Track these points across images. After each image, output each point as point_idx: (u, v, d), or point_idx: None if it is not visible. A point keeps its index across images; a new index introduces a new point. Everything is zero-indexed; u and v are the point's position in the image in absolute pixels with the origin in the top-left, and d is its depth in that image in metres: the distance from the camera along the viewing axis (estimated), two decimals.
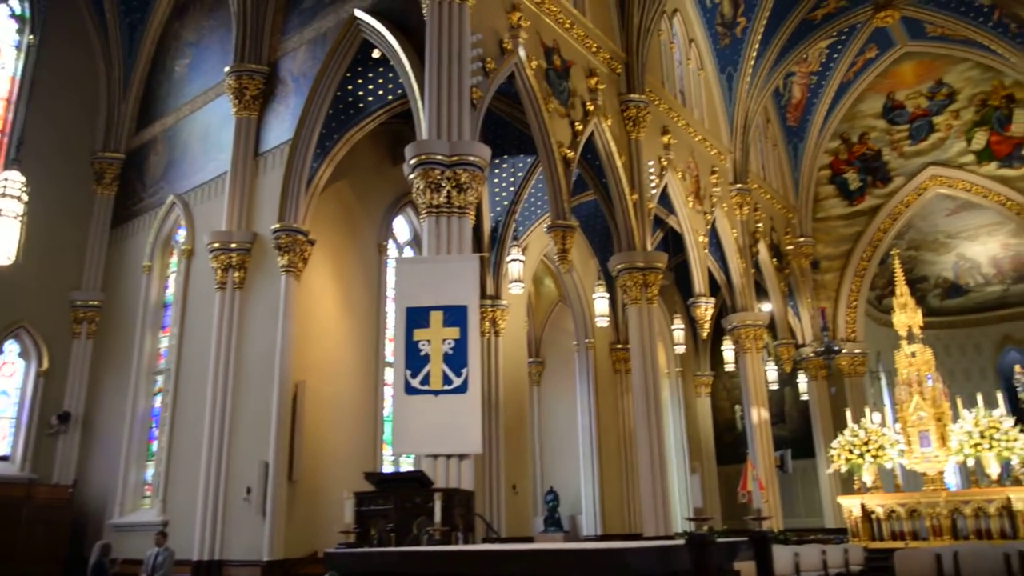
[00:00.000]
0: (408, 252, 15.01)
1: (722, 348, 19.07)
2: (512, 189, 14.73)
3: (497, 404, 13.64)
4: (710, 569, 3.88)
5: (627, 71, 14.51)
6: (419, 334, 8.84)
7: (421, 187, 9.38)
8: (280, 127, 12.75)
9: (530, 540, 14.62)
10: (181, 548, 11.16)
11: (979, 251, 22.97)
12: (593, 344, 18.13)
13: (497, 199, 14.85)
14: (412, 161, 9.43)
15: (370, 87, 12.27)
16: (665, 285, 18.14)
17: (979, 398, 14.57)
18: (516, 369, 15.83)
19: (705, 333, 16.64)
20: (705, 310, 15.49)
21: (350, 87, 12.19)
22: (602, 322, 16.07)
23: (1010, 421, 13.89)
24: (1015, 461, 14.00)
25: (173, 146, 15.20)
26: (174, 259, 14.69)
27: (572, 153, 12.42)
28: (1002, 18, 18.55)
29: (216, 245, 12.42)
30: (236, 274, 12.32)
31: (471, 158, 9.48)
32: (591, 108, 13.16)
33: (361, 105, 12.37)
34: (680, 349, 18.70)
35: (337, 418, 12.37)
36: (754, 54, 18.10)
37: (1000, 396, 15.29)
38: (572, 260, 12.98)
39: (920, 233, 22.94)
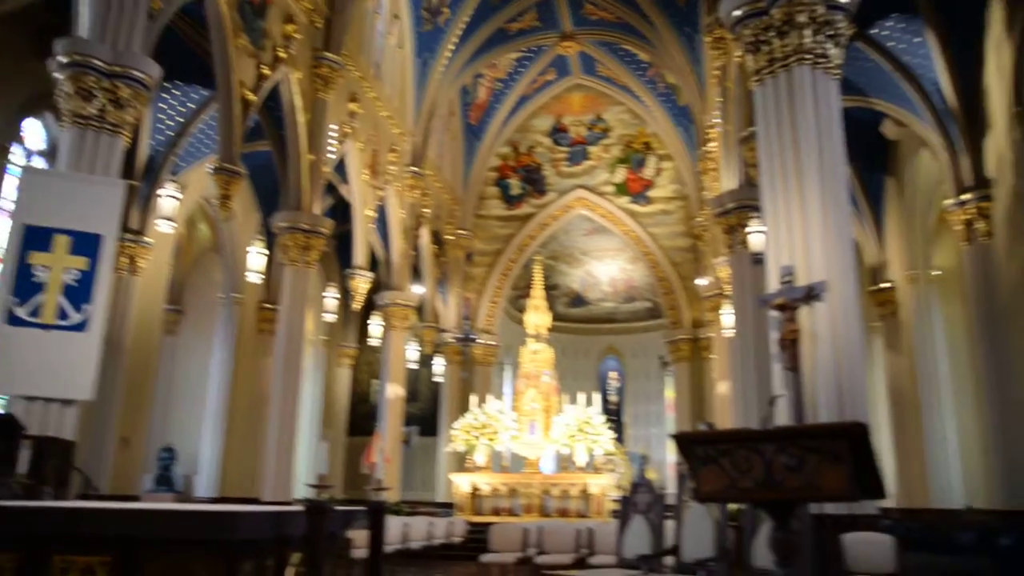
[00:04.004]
0: (39, 163, 12.94)
1: (370, 323, 19.44)
2: (180, 120, 13.45)
3: (121, 349, 12.36)
4: (323, 535, 3.94)
5: (327, 28, 14.11)
6: (36, 258, 7.66)
7: (69, 92, 8.14)
8: None
9: (136, 499, 13.50)
10: None
11: (603, 270, 26.40)
12: (241, 300, 17.29)
13: (160, 126, 13.45)
14: (63, 59, 8.15)
15: None
16: (326, 252, 17.98)
17: (581, 397, 16.75)
18: (150, 314, 14.49)
19: (357, 305, 16.83)
20: (360, 283, 15.68)
21: None
22: (254, 278, 15.40)
23: (601, 418, 16.20)
24: (598, 452, 16.39)
25: None
26: None
27: (254, 96, 11.74)
28: (654, 76, 21.55)
29: None
30: None
31: (137, 73, 8.48)
32: (283, 55, 12.56)
33: None
34: (330, 318, 18.69)
35: None
36: (451, 47, 18.77)
37: (597, 397, 17.76)
38: (234, 208, 12.26)
39: (561, 246, 25.67)
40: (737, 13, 7.62)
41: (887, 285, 15.38)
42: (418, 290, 19.66)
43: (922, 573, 10.23)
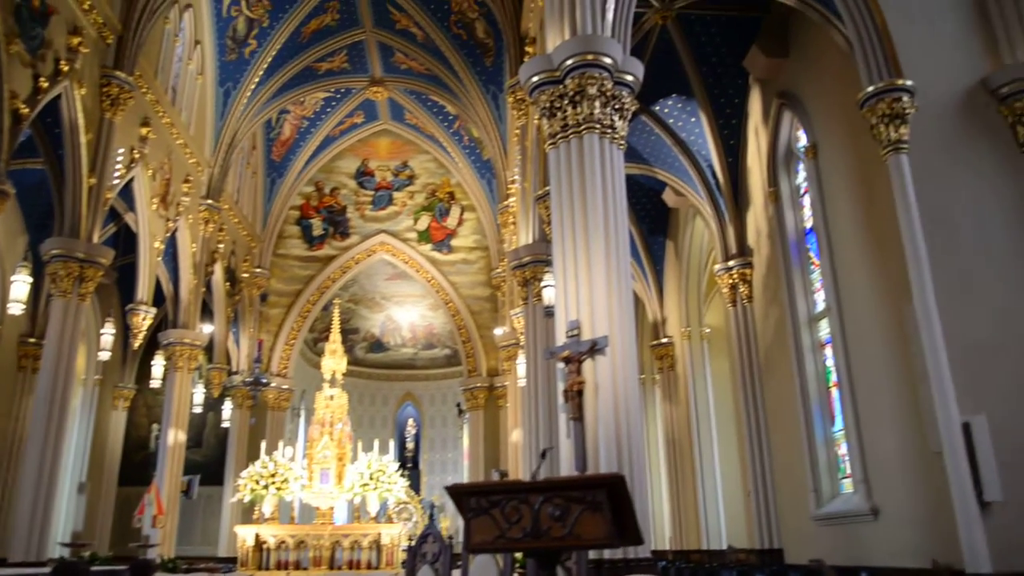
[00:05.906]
0: None
1: (152, 363, 18.05)
2: None
3: None
4: None
5: (119, 45, 13.27)
6: None
7: None
8: None
9: None
10: None
11: (403, 316, 26.36)
12: None
13: None
14: None
15: None
16: (104, 284, 16.59)
17: (376, 444, 16.49)
18: None
19: (138, 344, 15.62)
20: (143, 319, 14.61)
21: None
22: (16, 309, 13.83)
23: (395, 466, 16.01)
24: (392, 502, 16.16)
25: None
26: None
27: (27, 110, 10.74)
28: (460, 129, 22.18)
29: None
30: None
31: None
32: (65, 69, 11.62)
33: None
34: (105, 356, 17.13)
35: None
36: (256, 80, 18.25)
37: (392, 444, 17.59)
38: None
39: (362, 289, 25.37)
40: (535, 79, 8.09)
41: (666, 340, 16.65)
42: (208, 329, 18.57)
43: None
